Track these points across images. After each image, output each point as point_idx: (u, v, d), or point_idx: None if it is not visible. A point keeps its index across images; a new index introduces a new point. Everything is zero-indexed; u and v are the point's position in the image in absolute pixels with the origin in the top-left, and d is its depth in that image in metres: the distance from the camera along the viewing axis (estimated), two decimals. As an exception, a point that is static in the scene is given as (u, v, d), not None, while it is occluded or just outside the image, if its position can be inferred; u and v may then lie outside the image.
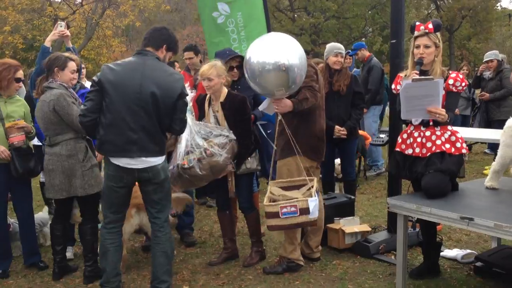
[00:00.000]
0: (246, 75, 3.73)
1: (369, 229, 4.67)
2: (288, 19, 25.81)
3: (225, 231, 4.37)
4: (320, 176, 4.90)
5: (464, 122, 9.18)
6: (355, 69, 8.39)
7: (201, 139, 3.84)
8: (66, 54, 4.21)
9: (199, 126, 3.91)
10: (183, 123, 3.49)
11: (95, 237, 4.07)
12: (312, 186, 3.81)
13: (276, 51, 3.54)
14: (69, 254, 4.43)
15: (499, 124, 5.09)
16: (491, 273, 3.79)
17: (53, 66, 3.91)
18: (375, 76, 7.39)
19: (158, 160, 3.40)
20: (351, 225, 4.56)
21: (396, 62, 4.29)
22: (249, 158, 4.16)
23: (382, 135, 5.11)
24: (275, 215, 3.66)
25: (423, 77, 3.45)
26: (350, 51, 8.23)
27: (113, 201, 3.50)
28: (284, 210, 3.64)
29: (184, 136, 3.82)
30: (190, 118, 3.83)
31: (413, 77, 3.46)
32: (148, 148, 3.34)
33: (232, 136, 3.96)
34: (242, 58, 4.95)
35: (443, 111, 3.46)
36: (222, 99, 4.10)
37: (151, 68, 3.36)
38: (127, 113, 3.28)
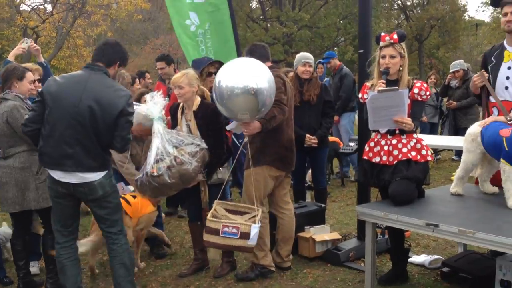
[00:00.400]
0: (214, 98, 3.73)
1: (340, 237, 4.70)
2: (261, 28, 25.99)
3: (196, 242, 4.33)
4: (292, 183, 4.95)
5: (433, 129, 9.38)
6: (326, 78, 8.48)
7: (172, 147, 3.81)
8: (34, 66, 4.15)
9: (170, 134, 3.88)
10: (125, 141, 3.39)
11: None
12: (257, 215, 3.79)
13: (245, 75, 3.55)
14: (34, 269, 4.32)
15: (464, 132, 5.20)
16: (457, 278, 3.85)
17: (11, 77, 3.84)
18: (347, 83, 7.52)
19: (95, 176, 3.30)
20: (321, 234, 4.58)
21: (364, 71, 4.35)
22: (220, 168, 4.14)
23: (351, 144, 5.17)
24: (215, 231, 3.62)
25: (388, 88, 3.51)
26: (321, 60, 8.34)
27: (59, 213, 3.43)
28: (225, 229, 3.60)
29: (155, 144, 3.79)
30: (162, 126, 3.81)
31: (379, 89, 3.52)
32: (84, 163, 3.26)
33: (204, 145, 3.94)
34: (220, 63, 4.96)
35: (409, 120, 3.53)
36: (194, 108, 4.09)
37: (95, 82, 3.30)
38: (64, 126, 3.23)
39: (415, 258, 4.35)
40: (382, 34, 3.67)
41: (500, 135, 3.38)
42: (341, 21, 28.36)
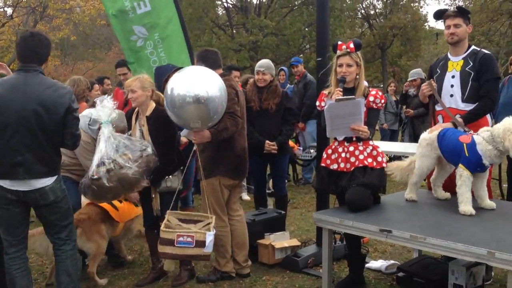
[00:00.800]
0: (165, 105, 3.74)
1: (299, 243, 4.73)
2: (227, 35, 26.03)
3: (153, 250, 4.27)
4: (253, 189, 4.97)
5: (393, 136, 9.58)
6: (288, 85, 8.55)
7: (114, 151, 3.75)
8: None
9: (118, 139, 3.82)
10: (75, 138, 3.35)
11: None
12: (210, 223, 3.79)
13: (195, 84, 3.57)
14: None
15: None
16: (412, 282, 3.92)
17: None
18: (311, 90, 7.56)
19: (47, 181, 3.26)
20: (281, 240, 4.60)
21: (321, 79, 4.40)
22: (170, 177, 4.07)
23: (311, 150, 5.22)
24: (170, 242, 3.58)
25: (345, 97, 3.57)
26: (283, 67, 8.42)
27: (7, 221, 3.32)
28: (180, 239, 3.57)
29: (99, 148, 3.73)
30: (108, 130, 3.75)
31: (337, 98, 3.57)
32: (35, 169, 3.19)
33: (149, 151, 3.85)
34: None
35: (365, 128, 3.60)
36: (148, 113, 4.05)
37: (35, 85, 3.22)
38: (10, 133, 3.14)
39: (372, 264, 4.42)
40: (339, 42, 3.73)
41: (460, 141, 3.49)
42: (306, 28, 28.71)
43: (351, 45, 3.68)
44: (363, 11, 40.56)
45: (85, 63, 31.16)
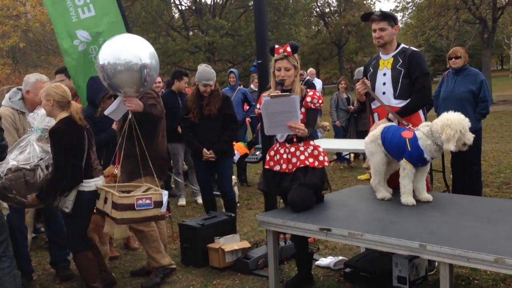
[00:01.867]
0: (100, 76, 3.81)
1: (249, 245, 4.74)
2: (182, 37, 25.83)
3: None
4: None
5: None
6: (240, 86, 8.54)
7: (13, 159, 3.65)
8: None
9: (40, 147, 3.74)
10: (2, 149, 3.20)
11: None
12: (150, 187, 3.92)
13: (128, 51, 3.73)
14: None
15: (363, 135, 5.45)
16: (358, 277, 4.00)
17: None
18: None
19: None
20: (231, 243, 4.61)
21: (262, 82, 4.43)
22: (62, 197, 3.76)
23: (257, 152, 5.25)
24: (130, 207, 3.61)
25: (280, 93, 3.61)
26: (232, 69, 8.43)
27: None
28: (140, 202, 3.63)
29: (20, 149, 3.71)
30: (32, 138, 3.72)
31: (272, 94, 3.61)
32: None
33: (25, 165, 3.63)
34: None
35: (302, 126, 3.63)
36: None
37: None
38: None
39: (322, 261, 4.47)
40: (276, 46, 3.76)
41: (403, 136, 3.59)
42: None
43: (288, 49, 3.71)
44: (318, 9, 41.10)
45: (39, 70, 30.29)
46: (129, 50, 3.74)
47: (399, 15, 24.23)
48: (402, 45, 4.07)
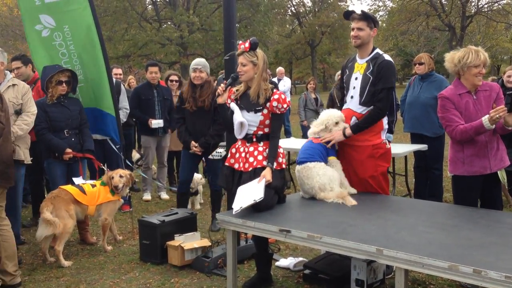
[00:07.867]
0: None
1: (209, 243, 4.67)
2: (154, 29, 25.43)
3: None
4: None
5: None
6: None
7: None
8: None
9: None
10: None
11: None
12: None
13: None
14: None
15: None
16: (317, 279, 4.00)
17: None
18: None
19: None
20: (191, 241, 4.54)
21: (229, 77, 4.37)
22: None
23: (220, 150, 5.22)
24: None
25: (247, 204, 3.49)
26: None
27: None
28: None
29: None
30: None
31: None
32: None
33: None
34: (72, 72, 4.85)
35: (266, 176, 3.58)
36: None
37: None
38: None
39: (282, 262, 4.45)
40: (239, 42, 3.72)
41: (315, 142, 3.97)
42: (237, 24, 28.67)
43: (246, 45, 3.68)
44: (293, 8, 41.19)
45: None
46: None
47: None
48: (377, 51, 4.02)
